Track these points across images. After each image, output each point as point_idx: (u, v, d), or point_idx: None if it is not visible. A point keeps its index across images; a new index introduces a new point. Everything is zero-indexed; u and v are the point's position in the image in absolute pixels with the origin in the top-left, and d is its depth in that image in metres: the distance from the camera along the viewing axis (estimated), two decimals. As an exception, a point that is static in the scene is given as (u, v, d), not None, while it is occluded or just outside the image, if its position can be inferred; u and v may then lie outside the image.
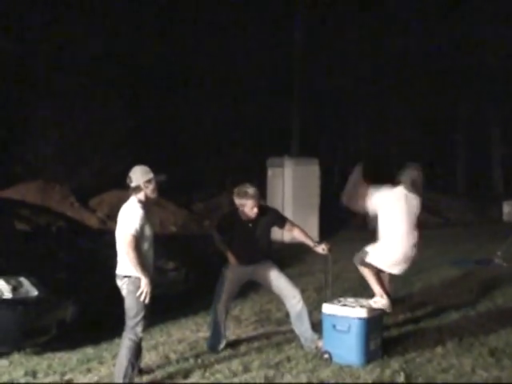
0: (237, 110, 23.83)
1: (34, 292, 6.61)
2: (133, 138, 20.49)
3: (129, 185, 5.65)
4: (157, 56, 22.44)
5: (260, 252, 6.71)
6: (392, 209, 6.72)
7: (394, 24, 25.46)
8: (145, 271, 5.49)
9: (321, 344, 6.45)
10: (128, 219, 5.52)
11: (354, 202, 6.88)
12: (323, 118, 26.56)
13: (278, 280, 6.73)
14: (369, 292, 8.94)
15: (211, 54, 23.38)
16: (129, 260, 5.47)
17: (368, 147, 27.02)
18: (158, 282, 5.97)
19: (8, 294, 6.48)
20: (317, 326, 6.68)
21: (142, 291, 5.48)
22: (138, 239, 5.50)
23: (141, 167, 5.69)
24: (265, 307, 8.56)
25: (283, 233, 11.27)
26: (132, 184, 5.63)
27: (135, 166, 5.71)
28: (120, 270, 5.62)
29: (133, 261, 5.44)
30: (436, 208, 21.35)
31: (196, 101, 23.22)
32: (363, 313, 6.19)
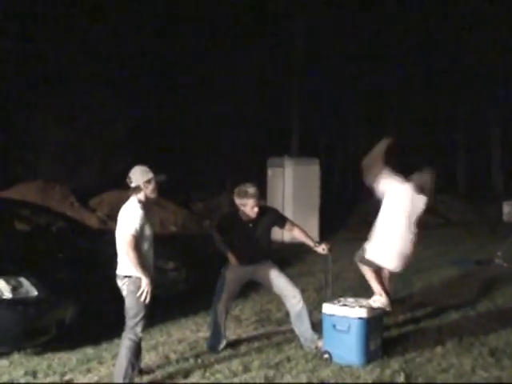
0: (237, 110, 23.83)
1: (34, 292, 6.60)
2: (133, 138, 20.51)
3: (129, 185, 5.65)
4: (157, 56, 22.45)
5: (260, 252, 6.70)
6: (396, 202, 6.76)
7: (394, 23, 25.45)
8: (145, 271, 5.49)
9: (321, 344, 6.45)
10: (128, 219, 5.52)
11: (367, 174, 6.92)
12: (323, 118, 26.55)
13: (278, 280, 6.72)
14: (369, 292, 8.94)
15: (211, 54, 23.37)
16: (129, 260, 5.47)
17: (368, 147, 26.98)
18: (158, 282, 5.96)
19: (8, 294, 6.48)
20: (317, 326, 6.69)
21: (143, 291, 5.49)
22: (138, 239, 5.49)
23: (140, 167, 5.69)
24: (265, 307, 8.56)
25: (283, 233, 11.27)
26: (132, 184, 5.63)
27: (135, 166, 5.70)
28: (120, 270, 5.62)
29: (133, 261, 5.44)
30: (436, 208, 21.32)
31: (196, 101, 23.21)
32: (363, 313, 6.19)
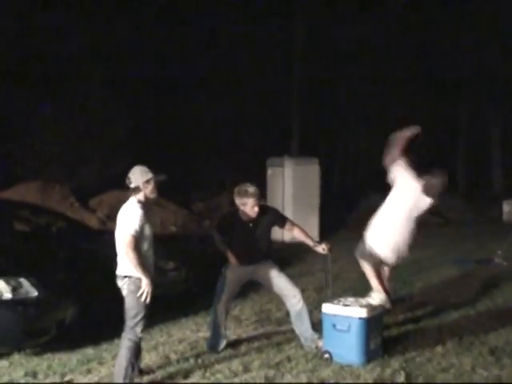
0: (237, 110, 23.81)
1: (34, 293, 6.60)
2: (133, 138, 20.47)
3: (128, 185, 5.66)
4: (157, 56, 22.43)
5: (260, 252, 6.70)
6: (401, 196, 6.84)
7: (394, 23, 25.45)
8: (145, 271, 5.49)
9: (321, 344, 6.45)
10: (127, 219, 5.52)
11: (388, 153, 7.03)
12: (323, 118, 26.53)
13: (279, 280, 6.72)
14: (369, 291, 8.94)
15: (211, 54, 23.36)
16: (129, 260, 5.47)
17: (368, 147, 26.99)
18: (158, 282, 5.96)
19: (8, 295, 6.48)
20: (317, 326, 6.69)
21: (143, 291, 5.49)
22: (138, 239, 5.49)
23: (140, 168, 5.69)
24: (265, 307, 8.56)
25: (283, 232, 11.27)
26: (131, 185, 5.63)
27: (134, 167, 5.71)
28: (120, 271, 5.62)
29: (133, 261, 5.44)
30: (436, 208, 21.33)
31: (196, 101, 23.19)
32: (363, 312, 6.19)
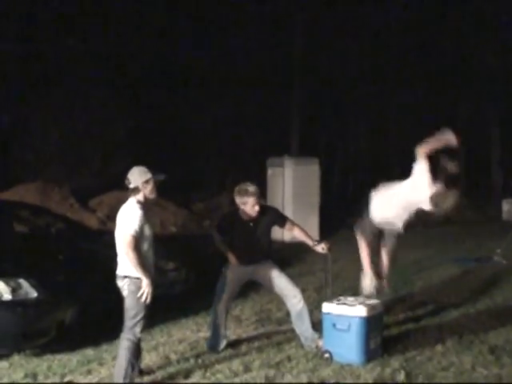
0: (237, 110, 23.81)
1: (34, 293, 6.59)
2: (133, 138, 20.48)
3: (127, 186, 5.66)
4: (157, 56, 22.44)
5: (260, 252, 6.69)
6: (411, 188, 6.96)
7: (394, 24, 25.44)
8: (145, 271, 5.48)
9: (321, 343, 6.45)
10: (127, 220, 5.52)
11: (422, 144, 7.12)
12: (323, 118, 26.54)
13: (279, 280, 6.72)
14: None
15: (211, 54, 23.37)
16: (129, 260, 5.47)
17: (368, 147, 27.01)
18: (159, 283, 5.95)
19: (7, 296, 6.47)
20: (317, 326, 6.68)
21: (143, 292, 5.49)
22: (138, 239, 5.49)
23: (139, 168, 5.68)
24: (265, 307, 8.55)
25: (283, 232, 11.27)
26: (130, 185, 5.62)
27: (133, 167, 5.70)
28: (120, 271, 5.62)
29: (133, 261, 5.44)
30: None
31: (196, 101, 23.20)
32: (363, 311, 6.18)
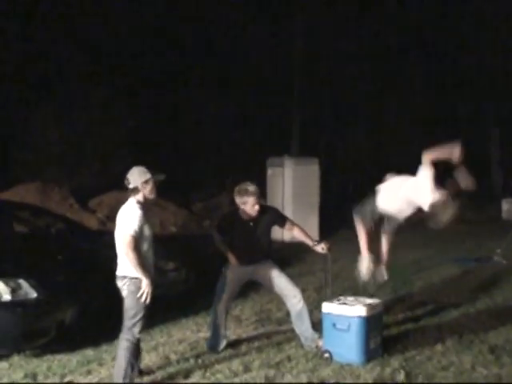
0: (237, 110, 23.80)
1: (33, 294, 6.59)
2: (133, 138, 20.48)
3: (127, 186, 5.66)
4: (157, 56, 22.42)
5: (260, 252, 6.70)
6: (414, 187, 6.92)
7: (394, 24, 25.42)
8: (145, 272, 5.49)
9: (321, 343, 6.45)
10: (127, 220, 5.52)
11: (429, 151, 7.12)
12: (323, 118, 26.52)
13: (279, 280, 6.73)
14: (369, 291, 8.94)
15: (211, 54, 23.35)
16: (129, 261, 5.47)
17: (368, 147, 26.99)
18: (159, 283, 5.95)
19: (7, 296, 6.48)
20: (317, 325, 6.69)
21: (143, 292, 5.49)
22: (138, 240, 5.49)
23: (138, 168, 5.68)
24: (265, 307, 8.55)
25: (283, 232, 11.26)
26: (130, 185, 5.63)
27: (133, 168, 5.71)
28: (120, 271, 5.62)
29: (133, 261, 5.44)
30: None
31: (196, 101, 23.19)
32: (363, 311, 6.19)
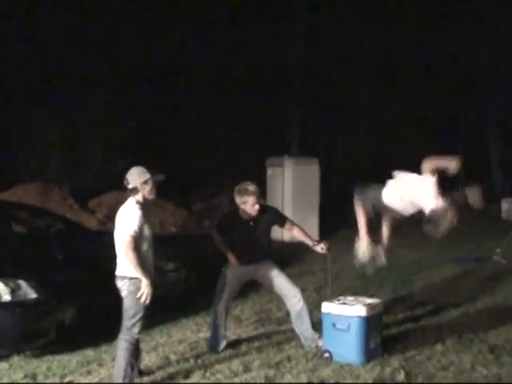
0: (237, 110, 23.80)
1: (33, 294, 6.59)
2: (133, 138, 20.49)
3: (126, 186, 5.66)
4: (157, 56, 22.42)
5: (260, 251, 6.70)
6: (417, 190, 6.71)
7: (394, 24, 25.42)
8: (145, 272, 5.48)
9: (321, 343, 6.45)
10: (126, 220, 5.52)
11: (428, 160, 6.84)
12: (323, 118, 26.52)
13: (279, 279, 6.73)
14: (368, 291, 8.96)
15: (211, 54, 23.35)
16: (129, 261, 5.47)
17: (368, 147, 26.99)
18: (158, 283, 5.95)
19: (7, 297, 6.48)
20: (317, 325, 6.69)
21: (143, 292, 5.48)
22: (137, 240, 5.49)
23: (137, 168, 5.68)
24: (265, 307, 8.55)
25: (283, 232, 11.27)
26: (129, 186, 5.62)
27: (132, 168, 5.71)
28: (120, 271, 5.62)
29: (133, 262, 5.43)
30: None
31: (196, 101, 23.20)
32: (363, 311, 6.19)
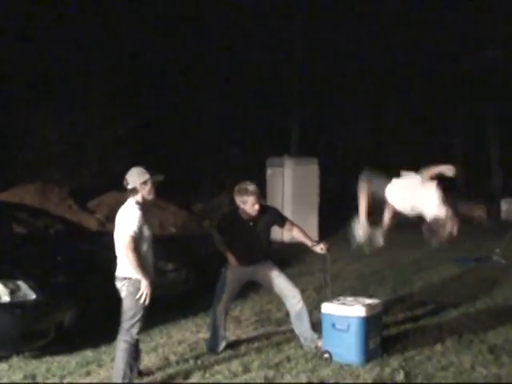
0: (236, 110, 23.80)
1: (32, 295, 6.59)
2: (133, 138, 20.47)
3: (125, 187, 5.65)
4: (157, 56, 22.42)
5: (260, 252, 6.70)
6: (418, 195, 6.72)
7: (394, 24, 25.41)
8: (145, 273, 5.48)
9: (320, 343, 6.45)
10: (126, 221, 5.52)
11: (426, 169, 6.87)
12: (323, 118, 26.52)
13: (278, 280, 6.72)
14: (368, 291, 8.96)
15: (211, 54, 23.35)
16: (128, 262, 5.46)
17: (368, 147, 26.99)
18: (158, 283, 5.95)
19: (6, 298, 6.48)
20: (317, 326, 6.68)
21: (142, 293, 5.48)
22: (137, 240, 5.49)
23: (137, 169, 5.68)
24: (265, 307, 8.55)
25: (283, 232, 11.25)
26: (129, 186, 5.62)
27: (132, 168, 5.70)
28: (120, 272, 5.61)
29: (132, 262, 5.43)
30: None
31: (196, 100, 23.20)
32: (362, 312, 6.18)
